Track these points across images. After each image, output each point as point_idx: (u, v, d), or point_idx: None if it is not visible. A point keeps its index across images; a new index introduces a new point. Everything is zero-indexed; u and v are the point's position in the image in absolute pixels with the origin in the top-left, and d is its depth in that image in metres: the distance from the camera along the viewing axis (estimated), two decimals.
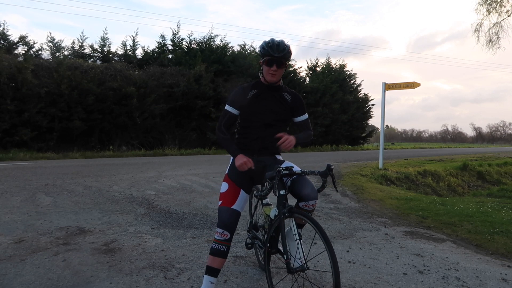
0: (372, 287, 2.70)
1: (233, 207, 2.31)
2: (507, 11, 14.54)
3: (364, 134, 32.83)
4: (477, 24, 15.22)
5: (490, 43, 15.12)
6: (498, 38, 14.99)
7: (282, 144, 2.21)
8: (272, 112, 2.40)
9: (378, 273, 2.98)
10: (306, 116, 2.54)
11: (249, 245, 2.79)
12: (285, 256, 2.13)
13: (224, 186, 2.42)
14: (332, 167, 2.20)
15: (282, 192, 2.21)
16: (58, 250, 3.35)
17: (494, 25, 14.87)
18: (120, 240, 3.67)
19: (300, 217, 2.15)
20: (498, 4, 14.37)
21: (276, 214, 2.23)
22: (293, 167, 2.29)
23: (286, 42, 2.36)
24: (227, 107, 2.41)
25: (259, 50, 2.39)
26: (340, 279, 1.93)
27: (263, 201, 2.59)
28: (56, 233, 3.88)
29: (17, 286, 2.58)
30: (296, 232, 2.13)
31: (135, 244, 3.57)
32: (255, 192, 2.73)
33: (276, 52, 2.30)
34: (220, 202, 2.36)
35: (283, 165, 2.34)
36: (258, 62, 2.47)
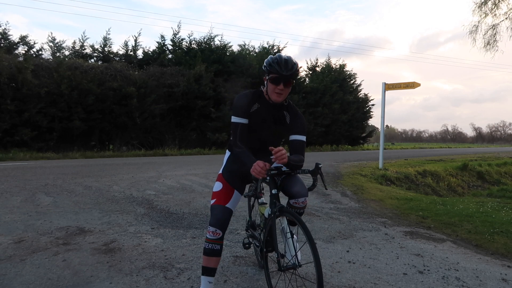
0: (372, 287, 2.70)
1: (226, 205, 2.30)
2: (505, 13, 14.48)
3: (364, 134, 32.87)
4: (473, 26, 15.12)
5: (488, 45, 15.02)
6: (495, 41, 14.90)
7: (275, 156, 2.05)
8: (269, 130, 2.33)
9: (378, 273, 2.98)
10: (302, 137, 2.30)
11: (246, 245, 2.77)
12: (276, 254, 2.15)
13: (218, 185, 2.40)
14: (320, 165, 2.15)
15: (274, 191, 2.20)
16: (58, 250, 3.35)
17: (491, 28, 14.78)
18: (120, 240, 3.67)
19: (289, 216, 2.15)
20: (495, 6, 14.28)
21: (270, 212, 2.24)
22: (281, 166, 2.27)
23: (293, 59, 2.21)
24: (235, 119, 2.24)
25: (264, 67, 2.23)
26: (323, 272, 1.97)
27: (259, 200, 2.56)
28: (56, 233, 3.88)
29: (17, 286, 2.58)
30: (288, 231, 2.13)
31: (135, 244, 3.57)
32: (252, 191, 2.73)
33: (285, 70, 2.15)
34: (213, 201, 2.34)
35: (274, 165, 2.33)
36: (263, 78, 2.29)
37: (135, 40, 21.82)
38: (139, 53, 22.17)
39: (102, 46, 21.00)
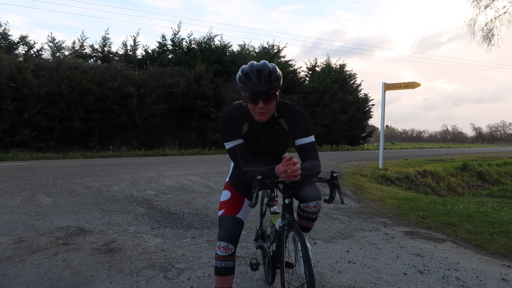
0: (372, 287, 2.70)
1: (237, 215, 2.04)
2: (504, 7, 14.37)
3: (364, 134, 32.88)
4: (471, 20, 14.94)
5: (487, 39, 14.82)
6: (492, 35, 14.72)
7: (285, 173, 1.71)
8: (270, 142, 2.07)
9: (378, 273, 2.98)
10: (309, 139, 1.96)
11: (253, 266, 2.35)
12: (281, 276, 1.87)
13: (226, 194, 2.13)
14: (335, 174, 1.80)
15: (286, 201, 1.91)
16: (58, 250, 3.35)
17: (490, 21, 14.65)
18: (120, 240, 3.67)
19: (296, 230, 1.83)
20: None
21: (281, 225, 1.95)
22: None
23: (270, 65, 1.81)
24: (230, 144, 1.94)
25: (237, 81, 1.86)
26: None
27: (271, 209, 2.22)
28: (56, 233, 3.88)
29: (17, 286, 2.58)
30: (300, 249, 1.81)
31: (135, 244, 3.57)
32: (265, 198, 2.52)
33: (258, 84, 1.74)
34: (221, 212, 2.06)
35: None
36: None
37: (134, 40, 21.86)
38: (139, 53, 22.23)
39: (102, 46, 21.02)
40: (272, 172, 1.80)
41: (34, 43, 18.77)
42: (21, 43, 18.31)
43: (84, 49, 20.77)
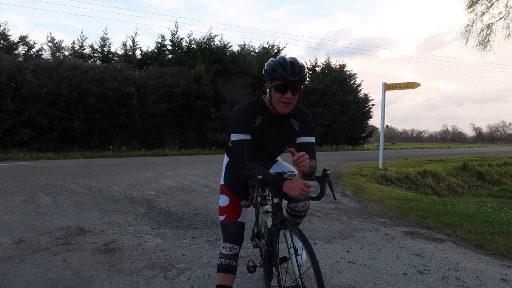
0: (372, 287, 2.70)
1: (238, 220, 2.12)
2: (500, 12, 14.37)
3: (364, 134, 32.89)
4: (466, 26, 14.91)
5: (481, 45, 14.81)
6: (488, 40, 14.71)
7: (297, 162, 1.71)
8: (276, 141, 2.09)
9: (378, 273, 2.98)
10: (311, 139, 2.02)
11: (251, 268, 2.39)
12: (276, 273, 1.89)
13: (224, 200, 2.15)
14: (328, 172, 1.80)
15: (276, 200, 1.93)
16: (58, 250, 3.35)
17: (486, 27, 14.64)
18: (120, 240, 3.67)
19: (291, 229, 1.85)
20: (490, 5, 14.13)
21: (271, 224, 1.97)
22: (285, 172, 2.11)
23: (299, 61, 1.91)
24: (238, 137, 1.91)
25: (265, 72, 1.90)
26: (323, 273, 1.74)
27: (264, 208, 2.24)
28: (56, 233, 3.88)
29: (17, 286, 2.58)
30: (292, 246, 1.84)
31: (135, 244, 3.57)
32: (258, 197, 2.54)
33: (292, 74, 1.82)
34: (223, 217, 2.12)
35: (274, 170, 2.18)
36: (264, 86, 1.99)
37: (133, 41, 21.85)
38: (138, 53, 22.21)
39: (101, 46, 21.02)
40: (278, 182, 1.81)
41: (34, 43, 18.85)
42: (21, 43, 18.33)
43: (84, 49, 20.79)
